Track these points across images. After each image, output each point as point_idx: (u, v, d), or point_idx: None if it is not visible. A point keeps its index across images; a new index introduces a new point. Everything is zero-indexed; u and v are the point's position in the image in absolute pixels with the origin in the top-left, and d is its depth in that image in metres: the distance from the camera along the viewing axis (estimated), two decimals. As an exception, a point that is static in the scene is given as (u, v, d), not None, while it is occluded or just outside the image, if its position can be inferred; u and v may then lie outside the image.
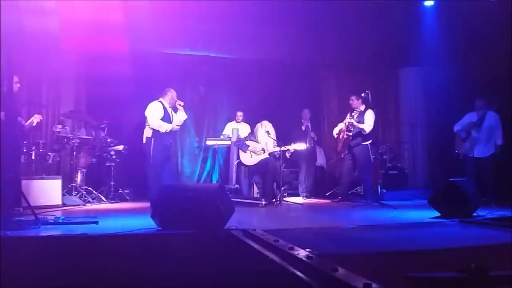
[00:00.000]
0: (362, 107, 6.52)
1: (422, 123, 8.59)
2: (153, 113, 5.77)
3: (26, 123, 5.80)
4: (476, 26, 6.64)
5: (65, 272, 2.83)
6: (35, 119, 5.84)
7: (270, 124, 6.75)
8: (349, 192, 7.03)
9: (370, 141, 6.55)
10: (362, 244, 3.12)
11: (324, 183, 8.07)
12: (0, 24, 3.66)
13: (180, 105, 6.06)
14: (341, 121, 6.75)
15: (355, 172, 6.89)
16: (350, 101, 6.68)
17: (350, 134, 6.41)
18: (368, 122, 6.40)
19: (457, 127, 6.65)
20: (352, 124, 6.38)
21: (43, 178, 5.85)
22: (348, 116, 6.68)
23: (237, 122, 7.82)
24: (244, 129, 7.55)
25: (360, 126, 6.36)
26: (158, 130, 5.75)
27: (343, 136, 6.54)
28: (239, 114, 7.85)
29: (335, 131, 6.79)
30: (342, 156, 6.95)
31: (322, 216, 5.25)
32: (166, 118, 5.89)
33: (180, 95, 6.28)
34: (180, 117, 6.06)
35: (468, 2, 6.30)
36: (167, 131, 5.81)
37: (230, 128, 7.79)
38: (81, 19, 6.36)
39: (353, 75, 9.11)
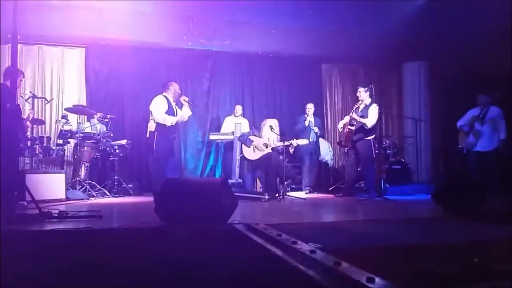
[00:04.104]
0: (368, 100, 6.49)
1: (425, 118, 8.57)
2: (158, 107, 5.79)
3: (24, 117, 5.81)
4: (479, 20, 6.59)
5: (69, 266, 2.84)
6: (31, 114, 5.85)
7: (275, 120, 6.75)
8: (353, 187, 7.02)
9: (373, 136, 6.52)
10: (366, 239, 3.12)
11: (328, 177, 8.06)
12: (0, 22, 3.66)
13: (184, 100, 6.06)
14: (347, 114, 6.74)
15: (359, 167, 6.87)
16: (358, 93, 6.64)
17: (353, 128, 6.39)
18: (371, 117, 6.37)
19: (460, 123, 6.64)
20: (354, 118, 6.36)
21: (47, 172, 5.89)
22: (354, 108, 6.67)
23: (236, 116, 7.81)
24: (243, 125, 7.55)
25: (362, 120, 6.34)
26: (163, 125, 5.75)
27: (346, 130, 6.52)
28: (238, 108, 7.84)
29: (340, 124, 6.78)
30: (346, 151, 6.95)
31: (325, 210, 5.25)
32: (171, 113, 5.91)
33: (183, 90, 6.29)
34: (184, 113, 6.06)
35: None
36: (173, 124, 5.82)
37: (228, 123, 7.79)
38: (85, 13, 6.35)
39: (356, 69, 9.09)
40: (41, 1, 5.92)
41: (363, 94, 6.54)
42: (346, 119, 6.65)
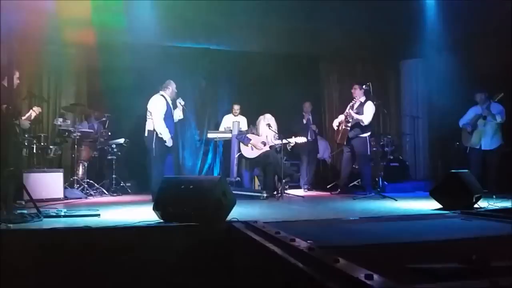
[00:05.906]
0: (363, 98, 6.47)
1: (423, 115, 8.58)
2: (158, 109, 5.72)
3: (25, 117, 5.76)
4: (477, 18, 6.59)
5: (67, 265, 2.84)
6: (34, 112, 5.79)
7: (273, 118, 6.73)
8: (350, 185, 7.01)
9: (369, 133, 6.52)
10: (363, 236, 3.12)
11: (326, 175, 8.07)
12: (0, 21, 3.65)
13: (180, 103, 6.05)
14: (342, 113, 6.73)
15: (355, 164, 6.86)
16: (352, 90, 6.62)
17: (349, 125, 6.38)
18: (367, 113, 6.37)
19: (462, 122, 6.61)
20: (350, 115, 6.35)
21: (44, 172, 5.86)
22: (349, 106, 6.66)
23: (234, 115, 7.79)
24: (241, 123, 7.54)
25: (359, 117, 6.32)
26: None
27: (342, 128, 6.50)
28: (236, 107, 7.81)
29: (335, 123, 6.76)
30: (342, 148, 6.92)
31: (323, 208, 5.25)
32: (169, 114, 5.87)
33: (181, 88, 6.26)
34: (176, 115, 6.06)
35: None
36: (165, 139, 5.72)
37: (227, 122, 7.77)
38: (81, 11, 6.33)
39: (354, 67, 9.08)
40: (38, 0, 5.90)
41: (358, 92, 6.53)
42: (341, 117, 6.64)
